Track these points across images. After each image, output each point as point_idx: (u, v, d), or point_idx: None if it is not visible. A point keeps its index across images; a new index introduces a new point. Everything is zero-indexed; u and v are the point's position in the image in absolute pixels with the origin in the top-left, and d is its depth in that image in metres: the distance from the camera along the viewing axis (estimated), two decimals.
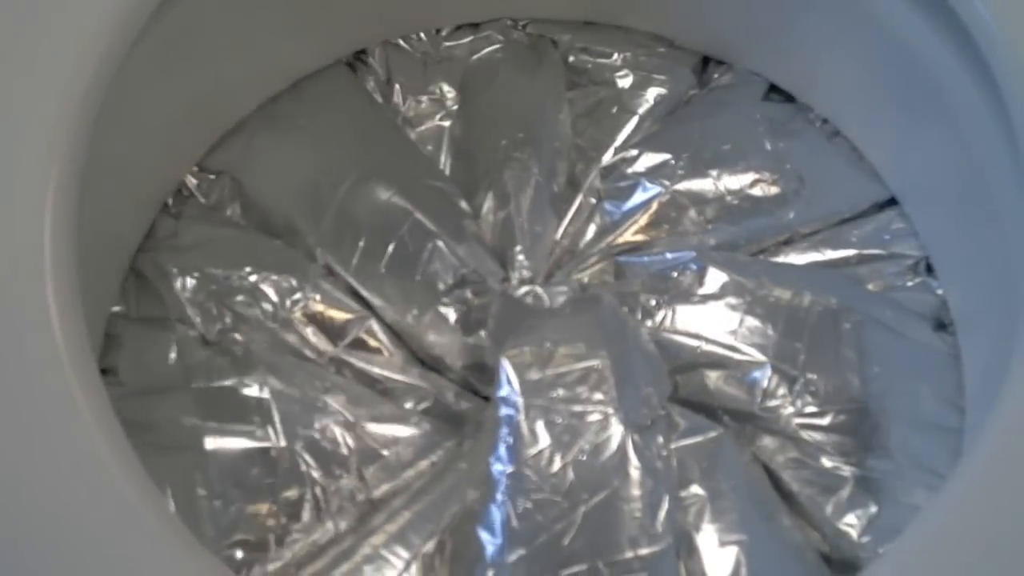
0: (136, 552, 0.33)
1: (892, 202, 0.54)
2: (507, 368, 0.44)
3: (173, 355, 0.47)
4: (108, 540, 0.33)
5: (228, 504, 0.42)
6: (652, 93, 0.57)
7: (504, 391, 0.43)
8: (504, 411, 0.43)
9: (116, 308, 0.49)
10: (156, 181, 0.52)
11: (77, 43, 0.39)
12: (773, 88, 0.58)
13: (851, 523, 0.44)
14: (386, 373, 0.48)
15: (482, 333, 0.48)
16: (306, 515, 0.43)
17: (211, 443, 0.43)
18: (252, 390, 0.45)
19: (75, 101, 0.38)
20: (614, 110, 0.56)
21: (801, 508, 0.45)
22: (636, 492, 0.41)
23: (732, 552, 0.42)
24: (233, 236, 0.51)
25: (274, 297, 0.48)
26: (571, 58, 0.58)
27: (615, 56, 0.58)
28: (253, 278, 0.48)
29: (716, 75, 0.59)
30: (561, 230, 0.53)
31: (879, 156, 0.54)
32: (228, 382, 0.45)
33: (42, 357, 0.34)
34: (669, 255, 0.50)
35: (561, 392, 0.43)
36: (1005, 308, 0.43)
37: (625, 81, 0.57)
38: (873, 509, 0.44)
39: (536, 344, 0.44)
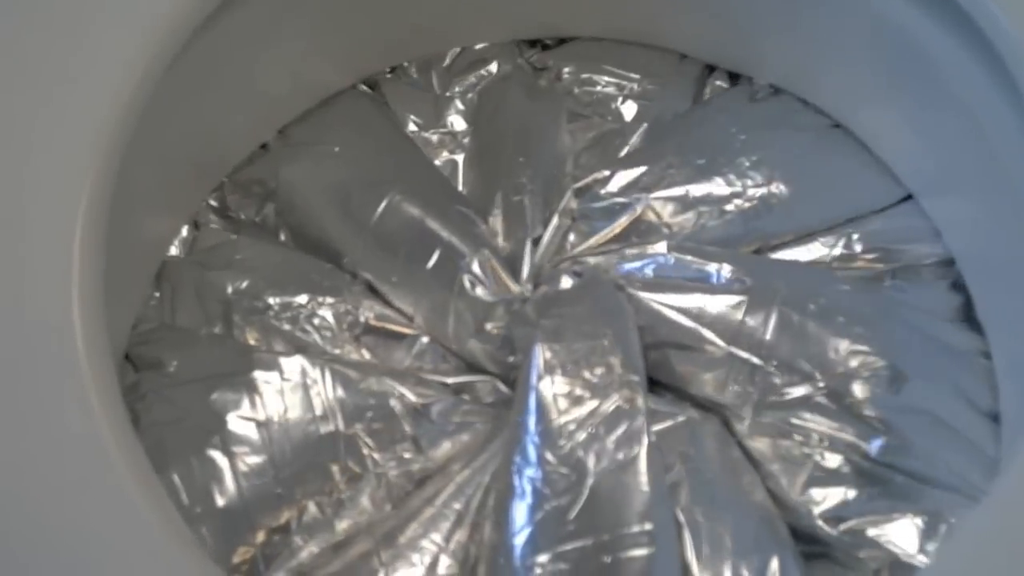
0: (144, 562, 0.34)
1: (905, 199, 0.54)
2: (532, 350, 0.45)
3: (225, 349, 0.49)
4: (114, 548, 0.34)
5: (291, 487, 0.44)
6: (650, 120, 0.58)
7: (524, 371, 0.45)
8: (524, 387, 0.45)
9: (154, 304, 0.52)
10: (185, 193, 0.55)
11: (120, 60, 0.41)
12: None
13: (816, 500, 0.44)
14: (449, 380, 0.49)
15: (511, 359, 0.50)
16: (367, 491, 0.45)
17: (275, 427, 0.45)
18: (312, 378, 0.46)
19: (114, 114, 0.40)
20: (617, 142, 0.58)
21: (768, 483, 0.46)
22: (644, 466, 0.42)
23: (714, 529, 0.42)
24: (287, 259, 0.53)
25: (332, 322, 0.50)
26: (575, 89, 0.60)
27: (619, 86, 0.59)
28: (311, 305, 0.50)
29: (708, 92, 0.60)
30: (542, 249, 0.53)
31: (893, 152, 0.54)
32: (287, 371, 0.46)
33: (62, 361, 0.36)
34: (638, 251, 0.51)
35: (571, 368, 0.44)
36: None
37: (629, 111, 0.59)
38: (838, 487, 0.44)
39: (549, 320, 0.46)
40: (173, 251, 0.54)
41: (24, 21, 0.41)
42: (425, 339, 0.51)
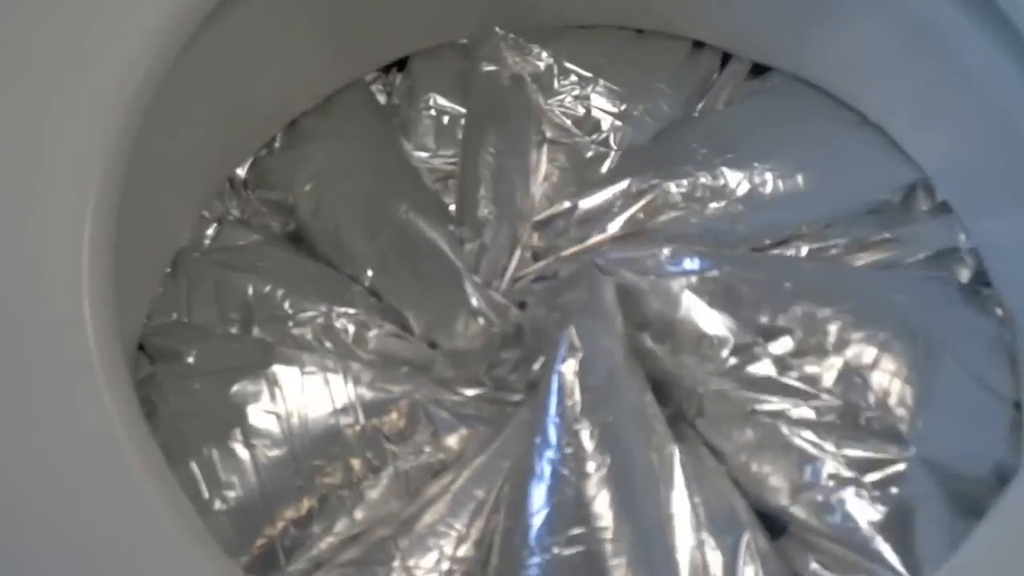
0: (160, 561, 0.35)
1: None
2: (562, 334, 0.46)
3: (244, 344, 0.50)
4: (127, 543, 0.35)
5: (310, 479, 0.45)
6: (629, 144, 0.58)
7: (551, 355, 0.46)
8: (549, 370, 0.45)
9: (169, 298, 0.52)
10: (194, 187, 0.55)
11: (126, 54, 0.41)
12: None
13: (772, 476, 0.45)
14: (469, 392, 0.50)
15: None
16: (385, 483, 0.46)
17: (295, 421, 0.46)
18: (333, 374, 0.47)
19: (121, 109, 0.40)
20: (594, 168, 0.57)
21: (727, 463, 0.47)
22: (645, 456, 0.43)
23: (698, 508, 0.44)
24: (307, 268, 0.54)
25: (349, 332, 0.51)
26: (568, 107, 0.59)
27: (610, 101, 0.58)
28: (329, 315, 0.51)
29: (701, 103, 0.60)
30: (507, 280, 0.54)
31: (920, 146, 0.53)
32: (308, 366, 0.47)
33: (74, 356, 0.36)
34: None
35: (585, 355, 0.45)
36: None
37: (617, 136, 0.58)
38: (794, 463, 0.44)
39: (558, 311, 0.47)
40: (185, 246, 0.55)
41: (31, 15, 0.41)
42: (441, 357, 0.51)
